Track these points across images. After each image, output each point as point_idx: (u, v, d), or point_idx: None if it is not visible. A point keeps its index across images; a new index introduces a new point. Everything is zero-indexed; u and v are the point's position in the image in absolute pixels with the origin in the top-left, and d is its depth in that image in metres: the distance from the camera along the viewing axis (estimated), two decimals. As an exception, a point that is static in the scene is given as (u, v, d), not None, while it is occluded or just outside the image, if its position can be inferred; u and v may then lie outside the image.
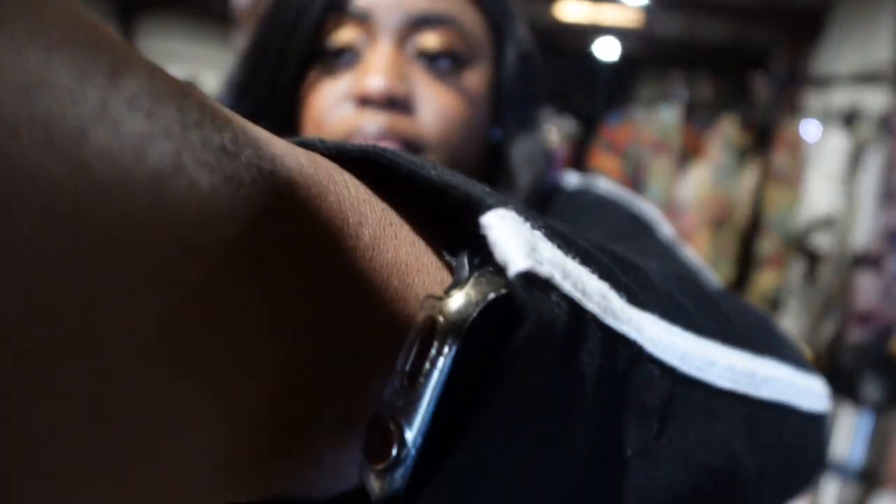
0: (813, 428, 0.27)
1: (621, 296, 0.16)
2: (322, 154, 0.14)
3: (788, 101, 2.53)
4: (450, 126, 0.45)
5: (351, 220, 0.13)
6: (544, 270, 0.13)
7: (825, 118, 2.33)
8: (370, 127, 0.43)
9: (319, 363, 0.12)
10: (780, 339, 0.27)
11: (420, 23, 0.44)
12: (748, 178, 2.34)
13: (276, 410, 0.12)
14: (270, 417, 0.12)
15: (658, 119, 2.36)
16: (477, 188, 0.14)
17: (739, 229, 2.32)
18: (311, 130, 0.46)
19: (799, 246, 2.25)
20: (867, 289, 2.16)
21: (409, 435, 0.12)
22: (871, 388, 1.34)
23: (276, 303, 0.11)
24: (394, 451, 0.12)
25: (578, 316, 0.14)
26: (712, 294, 0.25)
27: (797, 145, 2.25)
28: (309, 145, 0.15)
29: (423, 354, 0.12)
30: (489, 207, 0.13)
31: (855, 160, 2.17)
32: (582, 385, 0.14)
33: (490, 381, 0.13)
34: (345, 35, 0.45)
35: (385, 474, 0.12)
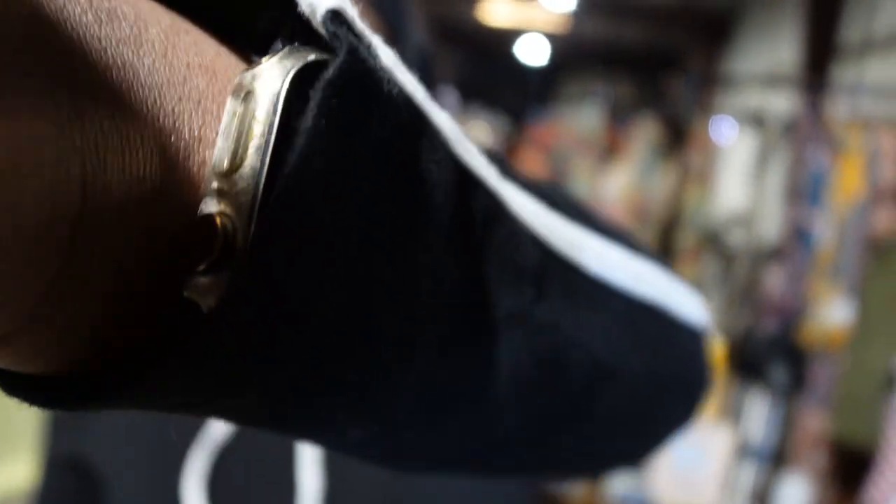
0: (693, 340, 0.26)
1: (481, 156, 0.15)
2: None
3: (702, 103, 2.65)
4: None
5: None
6: (366, 34, 0.12)
7: (736, 119, 2.46)
8: None
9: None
10: (650, 254, 0.26)
11: None
12: (666, 176, 2.44)
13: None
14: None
15: (580, 118, 2.43)
16: None
17: (659, 225, 2.41)
18: None
19: (713, 241, 2.36)
20: (775, 281, 2.29)
21: (242, 220, 0.10)
22: (778, 375, 1.42)
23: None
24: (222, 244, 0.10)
25: (413, 112, 0.13)
26: (589, 208, 0.25)
27: (710, 145, 2.36)
28: None
29: (240, 138, 0.11)
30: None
31: (763, 160, 2.29)
32: (427, 196, 0.13)
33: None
34: None
35: (219, 271, 0.10)
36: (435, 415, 0.16)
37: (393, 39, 0.47)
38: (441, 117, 0.14)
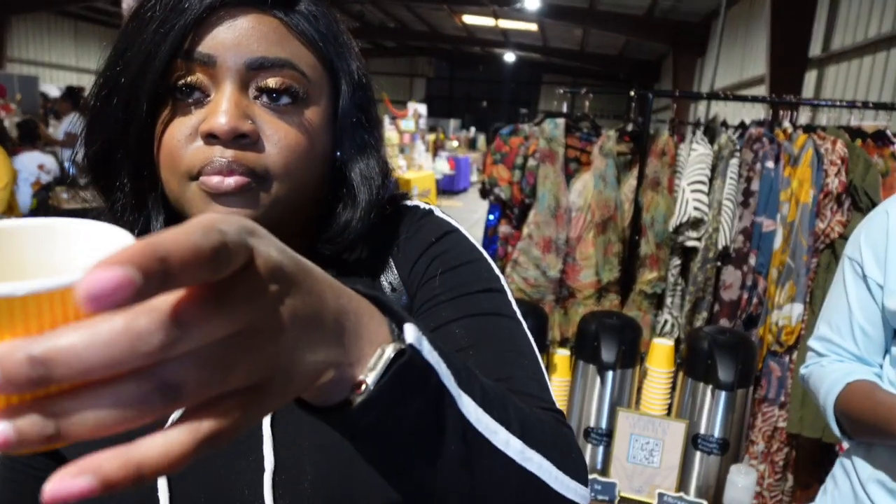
0: (555, 501, 0.45)
1: (455, 376, 0.39)
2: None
3: (671, 111, 2.76)
4: (291, 156, 0.52)
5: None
6: (425, 351, 0.35)
7: (694, 129, 2.58)
8: (219, 161, 0.49)
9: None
10: (558, 441, 0.47)
11: (259, 67, 0.51)
12: (628, 185, 2.55)
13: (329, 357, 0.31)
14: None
15: (544, 132, 2.53)
16: (400, 308, 0.37)
17: (622, 232, 2.52)
18: (165, 162, 0.52)
19: (673, 245, 2.47)
20: (731, 281, 2.41)
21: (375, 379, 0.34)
22: (724, 371, 1.52)
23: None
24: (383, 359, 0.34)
25: (429, 374, 0.36)
26: (522, 408, 0.46)
27: (670, 154, 2.47)
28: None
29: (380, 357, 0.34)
30: (405, 321, 0.36)
31: (717, 167, 2.41)
32: (439, 398, 0.37)
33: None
34: (192, 77, 0.50)
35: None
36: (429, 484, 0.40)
37: (331, 72, 0.56)
38: (447, 375, 0.38)
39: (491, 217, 2.80)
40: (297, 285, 0.28)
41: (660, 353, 1.70)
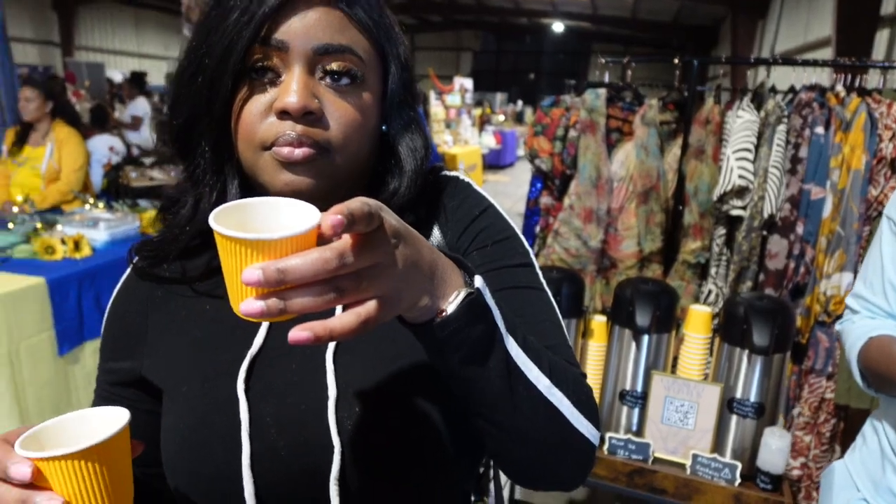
0: (570, 434, 0.57)
1: (504, 320, 0.53)
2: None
3: (727, 79, 2.70)
4: (349, 131, 0.61)
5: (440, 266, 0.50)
6: (486, 295, 0.51)
7: (741, 95, 2.54)
8: (290, 134, 0.58)
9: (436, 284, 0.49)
10: (577, 386, 0.59)
11: (324, 52, 0.59)
12: (671, 154, 2.54)
13: (424, 290, 0.47)
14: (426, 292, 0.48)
15: (585, 103, 2.53)
16: (472, 266, 0.53)
17: (664, 201, 2.52)
18: (242, 134, 0.60)
19: (718, 214, 2.46)
20: (777, 251, 2.38)
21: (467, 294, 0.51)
22: (760, 336, 1.54)
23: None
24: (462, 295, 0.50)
25: (487, 312, 0.51)
26: (555, 357, 0.59)
27: (714, 122, 2.45)
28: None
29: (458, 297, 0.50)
30: (474, 273, 0.52)
31: (763, 134, 2.37)
32: (493, 330, 0.52)
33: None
34: (267, 60, 0.59)
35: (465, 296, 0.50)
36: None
37: (381, 56, 0.64)
38: (499, 317, 0.53)
39: (532, 189, 2.84)
40: (406, 241, 0.45)
41: (697, 319, 1.72)
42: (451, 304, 0.49)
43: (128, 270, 0.75)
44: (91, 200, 3.55)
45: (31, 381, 2.62)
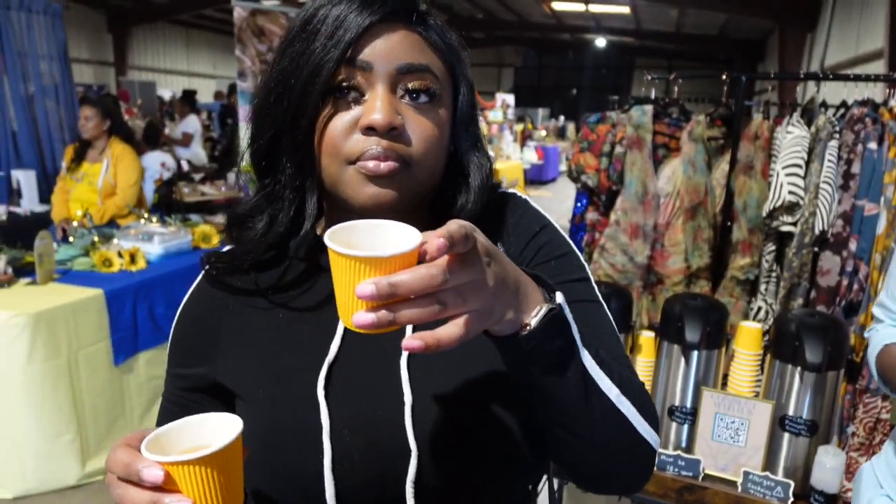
0: (636, 440, 0.61)
1: (580, 334, 0.57)
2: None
3: (774, 93, 2.68)
4: (428, 146, 0.65)
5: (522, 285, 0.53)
6: (565, 310, 0.55)
7: (791, 111, 2.50)
8: (376, 149, 0.62)
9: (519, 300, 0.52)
10: (641, 395, 0.62)
11: (406, 71, 0.63)
12: (719, 170, 2.52)
13: (510, 305, 0.51)
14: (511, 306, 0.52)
15: (632, 119, 2.54)
16: (552, 282, 0.56)
17: (712, 217, 2.49)
18: (327, 149, 0.64)
19: (767, 231, 2.42)
20: (829, 267, 2.33)
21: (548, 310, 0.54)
22: (812, 353, 1.52)
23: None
24: (544, 310, 0.53)
25: (567, 327, 0.55)
26: (620, 363, 0.64)
27: (763, 137, 2.42)
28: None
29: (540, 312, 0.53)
30: (554, 290, 0.55)
31: (814, 150, 2.34)
32: (571, 344, 0.55)
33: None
34: (352, 80, 0.63)
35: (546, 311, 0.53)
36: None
37: (452, 76, 0.67)
38: (576, 331, 0.56)
39: (578, 204, 2.84)
40: (495, 260, 0.49)
41: (747, 336, 1.70)
42: (534, 318, 0.52)
43: (198, 279, 0.77)
44: (146, 215, 3.68)
45: (87, 389, 2.72)
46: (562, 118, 17.18)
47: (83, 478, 2.70)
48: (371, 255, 0.44)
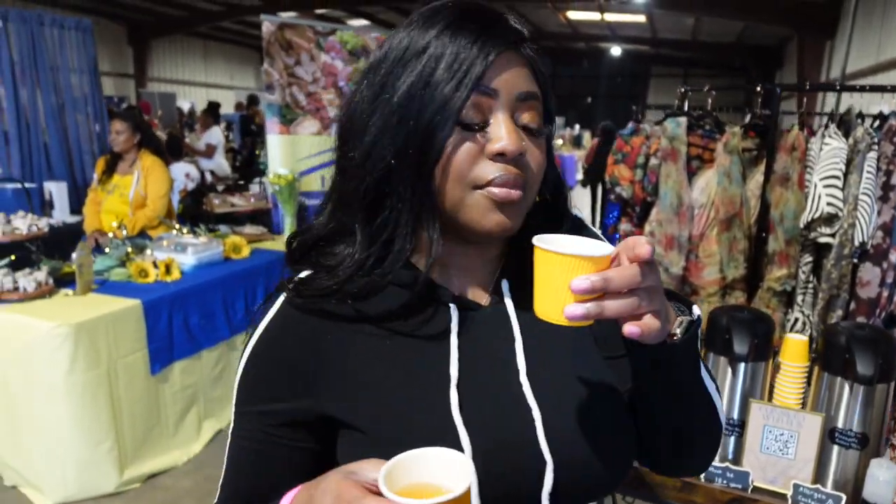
0: (719, 426, 0.75)
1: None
2: None
3: (797, 104, 2.68)
4: (539, 171, 0.68)
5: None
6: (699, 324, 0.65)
7: (828, 122, 2.50)
8: (507, 176, 0.63)
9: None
10: (714, 381, 0.75)
11: (525, 98, 0.66)
12: (754, 181, 2.52)
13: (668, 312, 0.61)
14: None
15: (666, 131, 2.55)
16: (685, 297, 0.67)
17: (747, 228, 2.49)
18: (453, 175, 0.64)
19: (804, 242, 2.42)
20: (869, 279, 2.32)
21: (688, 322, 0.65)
22: (863, 365, 1.52)
23: None
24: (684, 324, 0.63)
25: (696, 335, 0.65)
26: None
27: (800, 149, 2.42)
28: None
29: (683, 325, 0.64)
30: (693, 304, 0.66)
31: (853, 161, 2.33)
32: (698, 352, 0.67)
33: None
34: (478, 108, 0.64)
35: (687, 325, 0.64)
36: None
37: (546, 116, 0.70)
38: (696, 344, 0.66)
39: (609, 216, 2.85)
40: (657, 273, 0.57)
41: (794, 348, 1.70)
42: (679, 329, 0.62)
43: (276, 307, 0.71)
44: (176, 226, 3.73)
45: (126, 398, 2.76)
46: (577, 127, 17.19)
47: (121, 485, 2.73)
48: (586, 254, 0.52)
